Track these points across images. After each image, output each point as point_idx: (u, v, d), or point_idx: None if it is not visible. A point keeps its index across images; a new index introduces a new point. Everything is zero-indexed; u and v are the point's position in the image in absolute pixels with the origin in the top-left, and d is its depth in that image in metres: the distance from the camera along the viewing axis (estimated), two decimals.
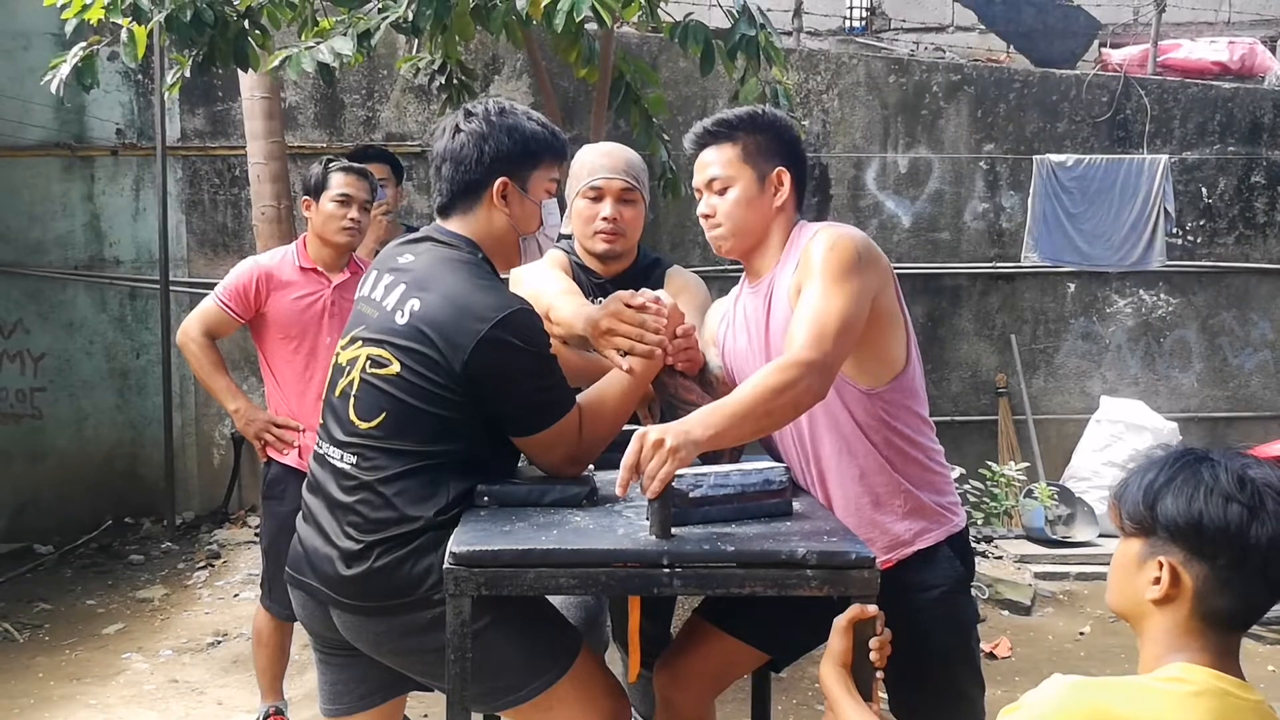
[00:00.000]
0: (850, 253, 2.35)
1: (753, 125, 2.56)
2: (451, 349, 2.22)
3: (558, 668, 2.31)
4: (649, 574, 2.01)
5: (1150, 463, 1.68)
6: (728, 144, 2.55)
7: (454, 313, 2.24)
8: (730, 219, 2.56)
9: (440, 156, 2.43)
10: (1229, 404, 8.09)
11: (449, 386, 2.24)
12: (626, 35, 7.23)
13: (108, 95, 7.23)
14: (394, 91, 7.45)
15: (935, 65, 8.08)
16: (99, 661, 5.13)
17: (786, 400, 2.19)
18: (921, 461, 2.53)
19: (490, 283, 2.33)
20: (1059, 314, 7.98)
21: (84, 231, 7.45)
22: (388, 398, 2.28)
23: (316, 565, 2.34)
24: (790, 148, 2.59)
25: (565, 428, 2.32)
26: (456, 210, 2.44)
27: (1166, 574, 1.58)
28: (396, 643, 2.30)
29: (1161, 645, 1.61)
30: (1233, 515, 1.55)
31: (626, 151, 3.26)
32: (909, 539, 2.50)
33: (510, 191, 2.40)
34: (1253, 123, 7.98)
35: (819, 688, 2.05)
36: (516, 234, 2.45)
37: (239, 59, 4.75)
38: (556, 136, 2.47)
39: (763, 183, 2.54)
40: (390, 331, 2.30)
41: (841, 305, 2.28)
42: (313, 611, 2.40)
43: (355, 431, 2.32)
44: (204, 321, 3.99)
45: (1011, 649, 5.40)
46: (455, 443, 2.28)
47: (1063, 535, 6.78)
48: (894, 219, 7.85)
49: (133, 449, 7.58)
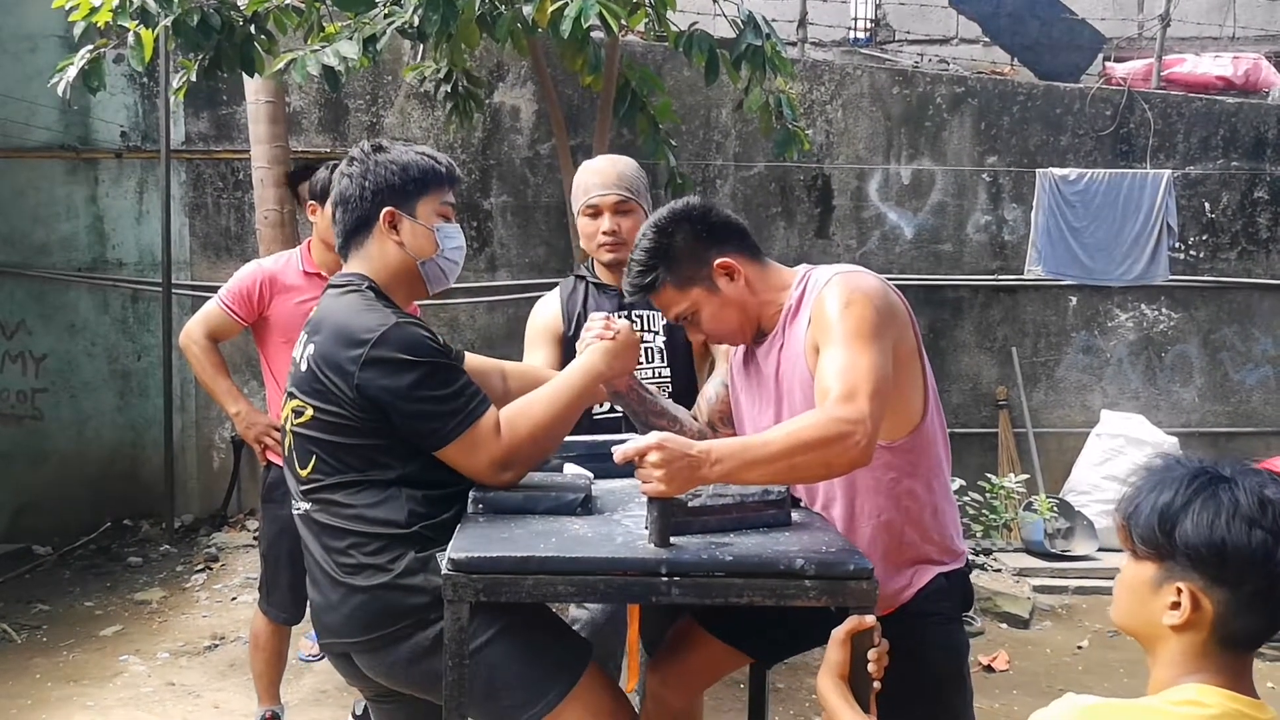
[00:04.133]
0: (868, 308, 2.26)
1: (661, 252, 2.46)
2: (342, 378, 2.28)
3: (562, 685, 2.29)
4: (647, 582, 2.02)
5: (1160, 480, 1.60)
6: (659, 289, 2.49)
7: (336, 343, 2.30)
8: (718, 333, 2.55)
9: (332, 203, 2.53)
10: (1230, 419, 8.08)
11: (355, 415, 2.29)
12: (631, 44, 7.24)
13: (113, 98, 7.24)
14: (398, 97, 7.47)
15: (939, 77, 8.09)
16: (96, 663, 5.13)
17: (817, 457, 2.06)
18: (934, 506, 2.49)
19: (369, 305, 2.36)
20: (1060, 327, 7.98)
21: (87, 234, 7.46)
22: (312, 441, 2.36)
23: (324, 620, 2.42)
24: (709, 232, 2.48)
25: (478, 433, 2.29)
26: (352, 248, 2.52)
27: (1187, 600, 1.53)
28: (410, 670, 2.32)
29: (1176, 668, 1.57)
30: (1257, 541, 1.50)
31: (619, 164, 3.36)
32: (907, 582, 2.48)
33: (399, 220, 2.46)
34: (1256, 138, 7.98)
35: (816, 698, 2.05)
36: (412, 260, 2.48)
37: (245, 64, 4.77)
38: (439, 162, 2.52)
39: (714, 288, 2.46)
40: (300, 381, 2.39)
41: (869, 362, 2.17)
42: (344, 666, 2.47)
43: (302, 480, 2.40)
44: (207, 324, 4.00)
45: (1009, 662, 5.39)
46: (392, 467, 2.32)
47: (1062, 549, 6.77)
48: (896, 230, 7.85)
49: (133, 451, 7.58)
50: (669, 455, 2.00)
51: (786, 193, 7.76)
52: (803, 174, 7.73)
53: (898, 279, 7.67)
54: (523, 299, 7.31)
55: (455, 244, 2.54)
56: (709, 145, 7.68)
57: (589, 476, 2.48)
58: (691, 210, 2.51)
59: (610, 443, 2.37)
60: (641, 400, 2.70)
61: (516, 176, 7.57)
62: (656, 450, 2.01)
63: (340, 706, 4.60)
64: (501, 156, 7.53)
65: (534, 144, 7.56)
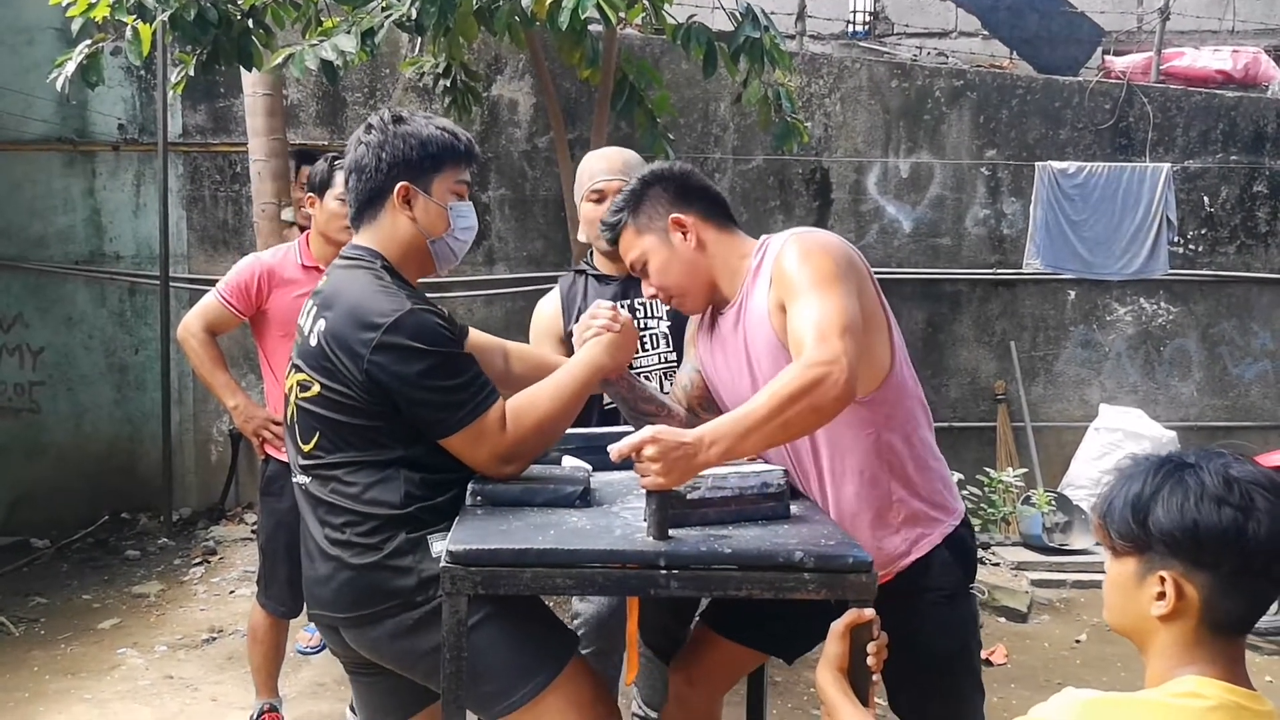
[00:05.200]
0: (826, 258, 2.32)
1: (633, 199, 2.60)
2: (352, 360, 2.27)
3: (544, 675, 2.30)
4: (646, 575, 2.01)
5: (1127, 476, 1.64)
6: (624, 230, 2.61)
7: (349, 324, 2.29)
8: (664, 286, 2.60)
9: (347, 171, 2.49)
10: (1228, 413, 8.08)
11: (361, 397, 2.28)
12: (629, 37, 7.23)
13: (110, 91, 7.22)
14: (395, 90, 7.45)
15: (938, 70, 8.08)
16: (94, 656, 5.12)
17: (805, 406, 2.09)
18: (917, 460, 2.51)
19: (384, 287, 2.34)
20: (1059, 321, 7.98)
21: (85, 227, 7.45)
22: (317, 418, 2.36)
23: (314, 591, 2.43)
24: (679, 191, 2.59)
25: (484, 426, 2.30)
26: (364, 221, 2.49)
27: (1171, 589, 1.55)
28: (391, 647, 2.35)
29: (1171, 659, 1.59)
30: (1227, 519, 1.53)
31: (625, 154, 3.42)
32: (905, 549, 2.49)
33: (413, 195, 2.43)
34: (1255, 132, 7.98)
35: (815, 692, 2.05)
36: (424, 238, 2.47)
37: (243, 58, 4.76)
38: (458, 138, 2.48)
39: (666, 240, 2.56)
40: (308, 355, 2.37)
41: (836, 305, 2.21)
42: (331, 636, 2.49)
43: (303, 454, 2.40)
44: (205, 317, 3.99)
45: (1007, 656, 5.39)
46: (393, 449, 2.32)
47: (1060, 543, 6.78)
48: (895, 224, 7.85)
49: (130, 445, 7.58)
50: (664, 447, 2.01)
51: (785, 186, 7.76)
52: (801, 167, 7.72)
53: (896, 273, 7.70)
54: (520, 292, 7.31)
55: (467, 223, 2.53)
56: (707, 138, 7.67)
57: (587, 469, 2.48)
58: (671, 169, 2.64)
59: (609, 435, 2.37)
60: (632, 388, 2.72)
61: (514, 170, 7.56)
62: (651, 444, 2.02)
63: (338, 699, 4.59)
64: (499, 150, 7.52)
65: (532, 137, 7.55)
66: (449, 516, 2.27)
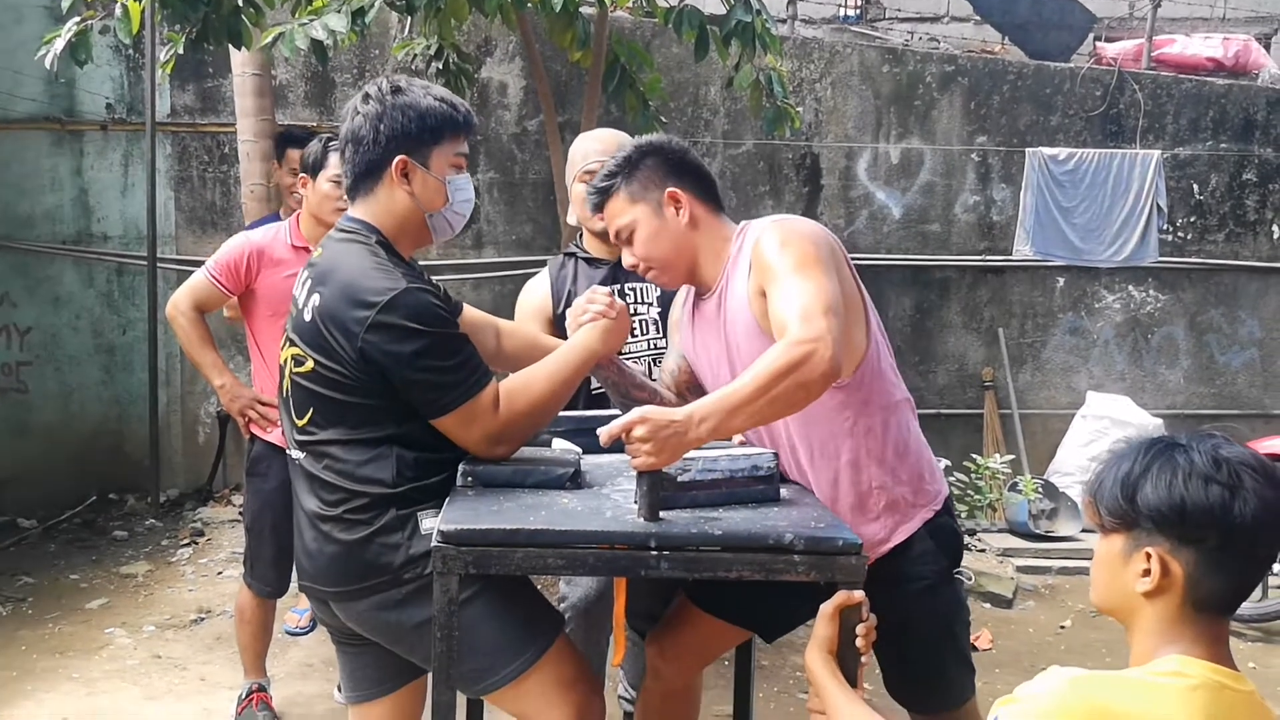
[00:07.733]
0: (806, 242, 2.34)
1: (628, 165, 2.58)
2: (346, 337, 2.26)
3: (528, 655, 2.32)
4: (636, 556, 2.03)
5: (1120, 456, 1.67)
6: (615, 195, 2.59)
7: (343, 300, 2.28)
8: (648, 258, 2.59)
9: (343, 140, 2.46)
10: (1215, 401, 8.12)
11: (355, 375, 2.28)
12: (620, 20, 7.21)
13: (98, 69, 7.18)
14: (385, 70, 7.41)
15: (929, 56, 8.07)
16: (82, 636, 5.12)
17: (791, 382, 2.09)
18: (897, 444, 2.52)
19: (379, 264, 2.33)
20: (1047, 308, 7.99)
21: (72, 206, 7.41)
22: (310, 394, 2.35)
23: (304, 564, 2.45)
24: (676, 166, 2.59)
25: (477, 407, 2.30)
26: (360, 193, 2.46)
27: (1156, 565, 1.58)
28: (378, 621, 2.37)
29: (1155, 637, 1.61)
30: (1214, 496, 1.55)
31: (618, 135, 3.41)
32: (884, 535, 2.51)
33: (411, 169, 2.41)
34: (1245, 120, 7.99)
35: (801, 675, 2.06)
36: (421, 212, 2.45)
37: (232, 37, 4.73)
38: (456, 109, 2.46)
39: (659, 211, 2.55)
40: (302, 329, 2.36)
41: (818, 286, 2.23)
42: (319, 607, 2.51)
43: (297, 429, 2.40)
44: (193, 295, 3.98)
45: (992, 641, 5.42)
46: (386, 427, 2.32)
47: (1046, 529, 6.80)
48: (884, 210, 7.85)
49: (118, 425, 7.56)
50: (654, 426, 2.03)
51: (775, 171, 7.75)
52: (791, 152, 7.72)
53: (885, 259, 7.71)
54: (509, 276, 7.30)
55: (465, 196, 2.52)
56: (698, 122, 7.66)
57: (577, 451, 2.49)
58: (670, 143, 2.64)
59: (599, 419, 2.38)
60: (621, 373, 2.73)
61: (504, 153, 7.54)
62: (641, 424, 2.03)
63: (326, 680, 4.60)
64: (489, 132, 7.50)
65: (521, 120, 7.53)
66: (440, 496, 2.28)
